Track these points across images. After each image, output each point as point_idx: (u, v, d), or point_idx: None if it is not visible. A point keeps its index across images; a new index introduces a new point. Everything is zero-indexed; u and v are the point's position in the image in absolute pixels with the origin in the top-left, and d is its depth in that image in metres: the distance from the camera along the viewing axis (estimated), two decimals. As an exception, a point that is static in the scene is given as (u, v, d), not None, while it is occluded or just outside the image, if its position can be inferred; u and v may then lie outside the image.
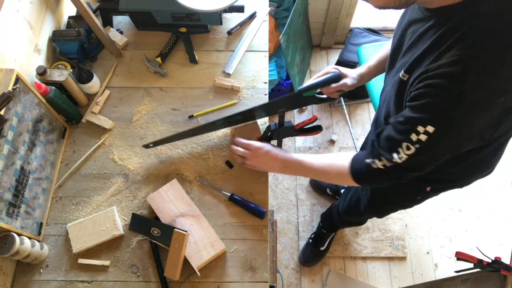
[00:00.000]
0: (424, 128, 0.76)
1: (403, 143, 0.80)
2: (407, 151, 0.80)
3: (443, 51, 0.73)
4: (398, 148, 0.82)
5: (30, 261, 1.10)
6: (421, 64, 0.80)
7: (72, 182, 1.25)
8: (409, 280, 1.97)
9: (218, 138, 1.30)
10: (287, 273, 1.99)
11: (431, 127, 0.75)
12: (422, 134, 0.76)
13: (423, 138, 0.76)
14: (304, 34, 2.31)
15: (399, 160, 0.83)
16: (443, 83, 0.72)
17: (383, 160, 0.87)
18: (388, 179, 0.92)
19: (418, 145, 0.78)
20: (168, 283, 1.10)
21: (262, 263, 1.13)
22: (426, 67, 0.76)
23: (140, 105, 1.36)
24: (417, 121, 0.77)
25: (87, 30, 1.38)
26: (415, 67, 0.82)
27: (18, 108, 1.05)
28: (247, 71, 1.41)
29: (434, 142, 0.77)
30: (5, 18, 1.12)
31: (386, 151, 0.86)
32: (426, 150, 0.79)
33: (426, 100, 0.75)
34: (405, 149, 0.81)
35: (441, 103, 0.73)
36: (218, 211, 1.20)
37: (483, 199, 2.17)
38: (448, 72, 0.71)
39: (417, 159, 0.82)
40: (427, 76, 0.75)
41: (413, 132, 0.78)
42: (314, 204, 2.15)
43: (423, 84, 0.76)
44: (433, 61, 0.75)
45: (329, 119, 2.39)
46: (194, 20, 1.41)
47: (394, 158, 0.84)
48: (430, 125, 0.75)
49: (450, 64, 0.71)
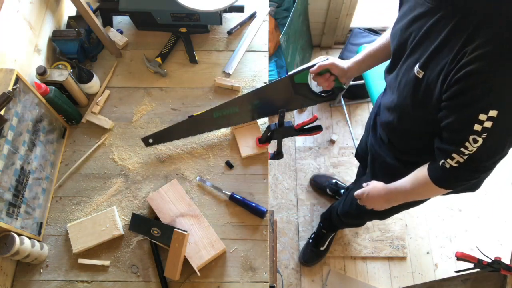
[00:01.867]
0: (486, 115, 0.72)
1: (470, 137, 0.77)
2: (474, 144, 0.77)
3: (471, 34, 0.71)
4: (465, 143, 0.79)
5: (30, 261, 1.10)
6: (438, 58, 0.78)
7: (72, 182, 1.25)
8: (409, 280, 1.97)
9: (218, 138, 1.30)
10: (287, 273, 1.99)
11: (494, 111, 0.71)
12: (486, 122, 0.73)
13: (488, 124, 0.73)
14: (304, 34, 2.31)
15: (471, 152, 0.79)
16: (486, 65, 0.70)
17: (455, 157, 0.83)
18: (467, 176, 0.88)
19: (485, 134, 0.75)
20: (168, 283, 1.10)
21: (262, 263, 1.13)
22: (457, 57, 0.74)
23: (140, 105, 1.36)
24: (475, 111, 0.73)
25: (87, 30, 1.38)
26: (431, 62, 0.80)
27: (18, 108, 1.05)
28: (247, 71, 1.41)
29: (502, 124, 0.73)
30: (5, 18, 1.12)
31: (454, 147, 0.83)
32: (494, 136, 0.75)
33: (476, 88, 0.72)
34: (472, 142, 0.77)
35: (493, 84, 0.71)
36: (218, 211, 1.20)
37: (483, 199, 2.17)
38: (487, 52, 0.69)
39: (490, 147, 0.79)
40: (463, 64, 0.72)
41: (475, 123, 0.74)
42: (314, 204, 2.15)
43: (462, 74, 0.73)
44: (462, 47, 0.73)
45: (329, 119, 2.39)
46: (194, 20, 1.41)
47: (465, 152, 0.80)
48: (492, 109, 0.71)
49: (484, 44, 0.69)
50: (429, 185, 0.96)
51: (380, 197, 1.14)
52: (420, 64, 0.83)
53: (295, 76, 1.20)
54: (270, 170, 2.22)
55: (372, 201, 1.18)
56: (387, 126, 1.14)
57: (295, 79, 1.21)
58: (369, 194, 1.18)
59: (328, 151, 2.29)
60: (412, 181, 1.03)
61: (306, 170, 2.24)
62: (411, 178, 1.03)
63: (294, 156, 2.29)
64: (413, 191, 1.03)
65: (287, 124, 1.19)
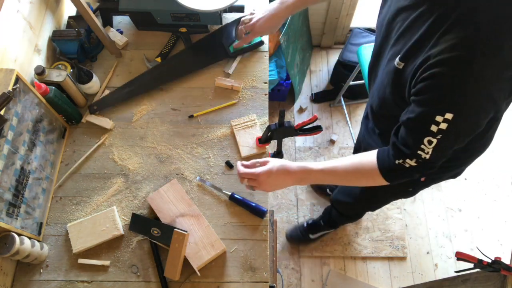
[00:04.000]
0: (442, 116, 0.75)
1: (425, 139, 0.79)
2: (429, 145, 0.80)
3: (441, 34, 0.73)
4: (421, 145, 0.81)
5: (30, 261, 1.10)
6: (417, 51, 0.79)
7: (72, 182, 1.25)
8: (409, 280, 1.97)
9: (218, 138, 1.30)
10: (287, 273, 1.99)
11: (450, 114, 0.74)
12: (442, 123, 0.75)
13: (444, 126, 0.75)
14: (304, 34, 2.31)
15: (427, 155, 0.82)
16: (448, 70, 0.72)
17: (410, 161, 0.85)
18: (421, 173, 0.90)
19: (440, 135, 0.77)
20: (168, 283, 1.10)
21: (262, 263, 1.13)
22: (426, 55, 0.76)
23: (140, 105, 1.36)
24: (434, 112, 0.76)
25: (87, 30, 1.38)
26: (411, 54, 0.81)
27: (18, 108, 1.05)
28: (247, 71, 1.41)
29: (456, 126, 0.76)
30: (5, 18, 1.12)
31: (411, 149, 0.84)
32: (449, 136, 0.78)
33: (437, 90, 0.74)
34: (427, 144, 0.80)
35: (452, 88, 0.72)
36: (218, 211, 1.20)
37: (483, 199, 2.17)
38: (451, 57, 0.71)
39: (443, 148, 0.81)
40: (429, 65, 0.74)
41: (432, 123, 0.76)
42: (314, 204, 2.15)
43: (427, 75, 0.75)
44: (431, 47, 0.75)
45: (329, 119, 2.39)
46: (194, 20, 1.41)
47: (421, 155, 0.82)
48: (448, 112, 0.74)
49: (451, 49, 0.71)
50: (374, 176, 0.94)
51: (290, 175, 1.01)
52: (401, 56, 0.84)
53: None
54: (270, 170, 2.22)
55: (273, 183, 1.03)
56: (372, 111, 1.15)
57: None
58: (271, 172, 1.02)
59: (328, 151, 2.29)
60: (348, 166, 0.97)
61: (306, 170, 2.24)
62: (348, 163, 0.97)
63: (294, 156, 2.29)
64: (347, 176, 0.98)
65: (287, 124, 1.19)
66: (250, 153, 1.26)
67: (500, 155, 2.25)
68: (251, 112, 1.34)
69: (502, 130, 2.39)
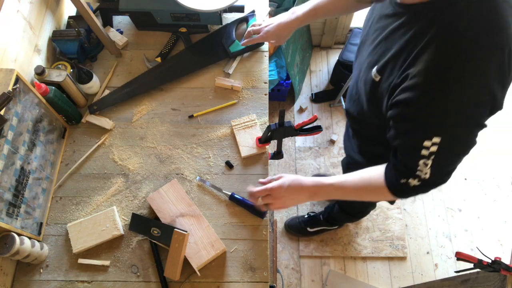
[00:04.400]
0: (430, 141, 0.74)
1: (420, 161, 0.78)
2: (425, 167, 0.78)
3: (418, 53, 0.71)
4: (417, 168, 0.80)
5: (30, 261, 1.10)
6: (393, 67, 0.78)
7: (72, 182, 1.25)
8: (409, 280, 1.97)
9: (218, 138, 1.30)
10: (287, 273, 1.99)
11: (437, 138, 0.73)
12: (432, 147, 0.74)
13: (434, 149, 0.74)
14: (304, 34, 2.31)
15: (426, 176, 0.80)
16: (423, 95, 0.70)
17: (412, 181, 0.83)
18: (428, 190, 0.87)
19: (433, 157, 0.76)
20: (168, 283, 1.10)
21: (262, 263, 1.13)
22: (403, 74, 0.74)
23: (140, 105, 1.36)
24: (420, 138, 0.75)
25: (87, 30, 1.38)
26: (387, 68, 0.80)
27: (18, 108, 1.05)
28: (247, 71, 1.41)
29: (447, 147, 0.75)
30: (5, 18, 1.12)
31: (410, 171, 0.82)
32: (443, 157, 0.76)
33: (418, 117, 0.74)
34: (422, 165, 0.78)
35: (432, 114, 0.71)
36: (218, 211, 1.20)
37: (483, 199, 2.17)
38: (426, 81, 0.69)
39: (441, 167, 0.79)
40: (406, 88, 0.73)
41: (422, 148, 0.75)
42: (314, 204, 2.15)
43: (405, 98, 0.73)
44: (408, 66, 0.73)
45: (329, 119, 2.39)
46: (194, 20, 1.41)
47: (421, 176, 0.81)
48: (435, 136, 0.73)
49: (426, 72, 0.69)
50: (383, 193, 0.91)
51: (303, 190, 0.99)
52: (378, 68, 0.83)
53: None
54: (270, 170, 2.22)
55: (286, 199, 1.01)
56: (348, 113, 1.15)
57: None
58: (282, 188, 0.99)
59: (328, 151, 2.29)
60: (358, 183, 0.95)
61: (306, 170, 2.24)
62: (358, 179, 0.95)
63: (294, 156, 2.29)
64: (356, 193, 0.96)
65: (287, 124, 1.18)
66: (250, 153, 1.26)
67: (500, 155, 2.25)
68: (251, 112, 1.34)
69: (502, 130, 2.39)
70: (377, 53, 0.85)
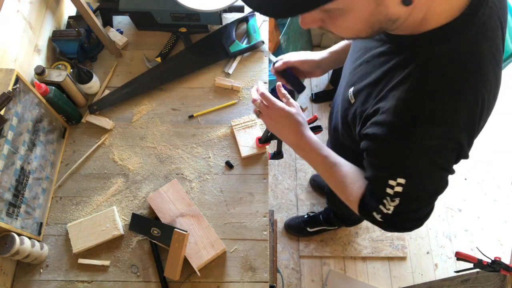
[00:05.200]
0: (395, 181, 0.72)
1: (384, 198, 0.76)
2: (392, 203, 0.75)
3: (392, 87, 0.69)
4: (382, 201, 0.77)
5: (30, 261, 1.10)
6: (369, 95, 0.75)
7: (72, 182, 1.25)
8: (409, 280, 1.97)
9: (218, 138, 1.30)
10: (287, 273, 1.99)
11: (402, 179, 0.71)
12: (396, 187, 0.72)
13: (399, 189, 0.72)
14: (304, 34, 2.31)
15: (389, 211, 0.77)
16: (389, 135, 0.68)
17: (375, 216, 0.81)
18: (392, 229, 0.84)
19: (399, 197, 0.73)
20: (168, 283, 1.10)
21: (262, 263, 1.13)
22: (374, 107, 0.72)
23: (140, 105, 1.36)
24: (385, 177, 0.73)
25: (87, 30, 1.38)
26: (362, 94, 0.78)
27: (18, 108, 1.05)
28: (247, 71, 1.41)
29: (413, 187, 0.72)
30: (5, 18, 1.12)
31: (375, 204, 0.80)
32: (410, 195, 0.73)
33: (385, 155, 0.72)
34: (389, 201, 0.75)
35: (396, 154, 0.70)
36: (218, 211, 1.20)
37: (483, 199, 2.17)
38: (393, 122, 0.67)
39: (406, 208, 0.76)
40: (375, 122, 0.71)
41: (387, 187, 0.73)
42: (314, 204, 2.15)
43: (372, 133, 0.72)
44: (380, 99, 0.71)
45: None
46: (194, 20, 1.41)
47: (383, 210, 0.78)
48: (399, 177, 0.71)
49: (395, 111, 0.67)
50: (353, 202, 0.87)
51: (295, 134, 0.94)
52: (354, 90, 0.81)
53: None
54: (270, 170, 2.22)
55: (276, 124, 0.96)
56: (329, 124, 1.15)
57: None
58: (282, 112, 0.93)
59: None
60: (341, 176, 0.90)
61: (306, 170, 2.24)
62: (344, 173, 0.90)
63: (294, 156, 2.29)
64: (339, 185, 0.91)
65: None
66: (250, 153, 1.26)
67: (500, 155, 2.25)
68: (251, 112, 1.34)
69: (502, 130, 2.39)
70: (356, 75, 0.83)
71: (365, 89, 0.78)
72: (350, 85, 0.84)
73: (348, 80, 0.88)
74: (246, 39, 1.47)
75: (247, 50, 1.42)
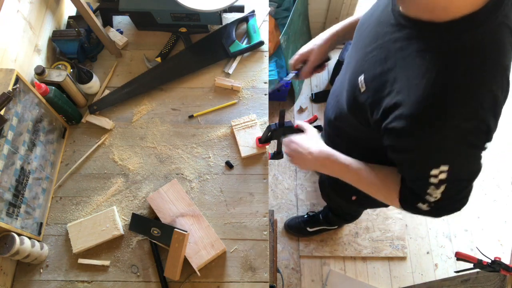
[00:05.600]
0: (438, 169, 0.72)
1: (429, 188, 0.77)
2: (437, 190, 0.76)
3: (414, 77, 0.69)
4: (426, 195, 0.78)
5: (30, 261, 1.10)
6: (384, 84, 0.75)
7: (72, 182, 1.25)
8: (409, 280, 1.97)
9: (218, 138, 1.30)
10: (287, 273, 1.99)
11: (445, 166, 0.72)
12: (440, 174, 0.73)
13: (443, 176, 0.73)
14: (304, 34, 2.31)
15: (436, 198, 0.78)
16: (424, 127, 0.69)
17: (422, 206, 0.82)
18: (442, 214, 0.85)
19: (445, 183, 0.74)
20: (168, 283, 1.10)
21: (262, 263, 1.13)
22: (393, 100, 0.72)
23: (140, 105, 1.36)
24: (426, 169, 0.74)
25: (87, 30, 1.38)
26: (375, 82, 0.77)
27: (18, 108, 1.05)
28: (247, 71, 1.41)
29: (457, 171, 0.73)
30: (5, 18, 1.12)
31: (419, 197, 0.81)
32: (455, 178, 0.75)
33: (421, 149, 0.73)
34: (435, 189, 0.76)
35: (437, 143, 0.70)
36: (218, 211, 1.20)
37: (483, 199, 2.17)
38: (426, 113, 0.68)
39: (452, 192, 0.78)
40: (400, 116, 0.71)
41: (430, 177, 0.74)
42: (314, 204, 2.15)
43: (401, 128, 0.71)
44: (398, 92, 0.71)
45: (329, 119, 2.38)
46: (194, 20, 1.41)
47: (429, 199, 0.79)
48: (442, 165, 0.72)
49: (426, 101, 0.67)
50: (393, 199, 0.89)
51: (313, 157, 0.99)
52: (366, 77, 0.80)
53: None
54: (270, 170, 2.22)
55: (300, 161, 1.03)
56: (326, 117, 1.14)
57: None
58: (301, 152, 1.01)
59: (328, 151, 2.29)
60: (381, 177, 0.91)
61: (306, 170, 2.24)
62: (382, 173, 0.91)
63: (294, 156, 2.28)
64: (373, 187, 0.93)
65: (287, 124, 1.18)
66: (250, 153, 1.26)
67: (500, 155, 2.25)
68: (251, 112, 1.34)
69: (502, 130, 2.39)
70: (369, 61, 0.81)
71: (380, 76, 0.77)
72: (360, 73, 0.83)
73: (356, 68, 0.86)
74: (246, 39, 1.47)
75: (247, 50, 1.42)
